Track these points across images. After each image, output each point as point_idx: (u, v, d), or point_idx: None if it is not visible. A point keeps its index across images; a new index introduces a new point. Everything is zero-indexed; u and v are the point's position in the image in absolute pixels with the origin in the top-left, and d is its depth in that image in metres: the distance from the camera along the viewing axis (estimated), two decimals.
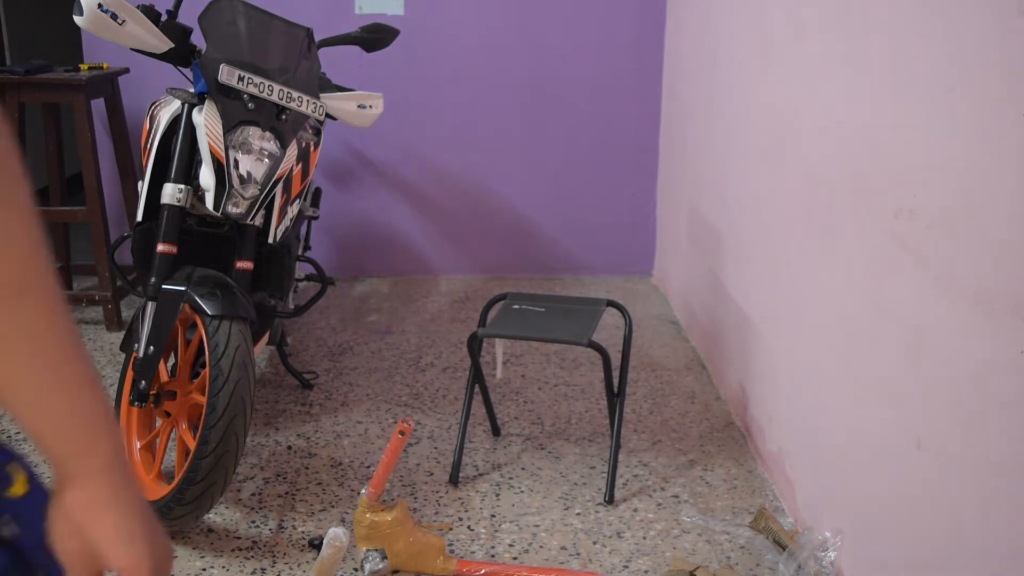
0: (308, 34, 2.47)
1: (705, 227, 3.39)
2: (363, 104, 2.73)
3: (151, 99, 2.81)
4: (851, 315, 2.03)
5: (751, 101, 2.81)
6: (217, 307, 2.17)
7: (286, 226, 2.62)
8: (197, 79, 2.36)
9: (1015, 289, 1.41)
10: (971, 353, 1.53)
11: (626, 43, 4.16)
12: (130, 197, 3.84)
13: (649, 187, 4.32)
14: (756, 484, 2.57)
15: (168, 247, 2.31)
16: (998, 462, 1.46)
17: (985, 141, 1.49)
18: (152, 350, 2.25)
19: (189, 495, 2.11)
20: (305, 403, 3.04)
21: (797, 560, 2.05)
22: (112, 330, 3.65)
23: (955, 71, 1.59)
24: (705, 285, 3.37)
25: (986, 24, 1.49)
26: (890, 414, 1.83)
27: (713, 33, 3.33)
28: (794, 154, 2.40)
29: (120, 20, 2.24)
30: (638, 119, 4.24)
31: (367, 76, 4.05)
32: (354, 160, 4.25)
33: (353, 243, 4.33)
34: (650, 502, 2.48)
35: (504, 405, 3.04)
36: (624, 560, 2.22)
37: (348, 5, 4.03)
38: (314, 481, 2.55)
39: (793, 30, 2.45)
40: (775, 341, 2.53)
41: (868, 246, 1.93)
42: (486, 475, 2.60)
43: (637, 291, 4.22)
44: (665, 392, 3.15)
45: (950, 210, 1.60)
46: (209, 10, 2.30)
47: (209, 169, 2.27)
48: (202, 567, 2.17)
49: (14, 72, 3.43)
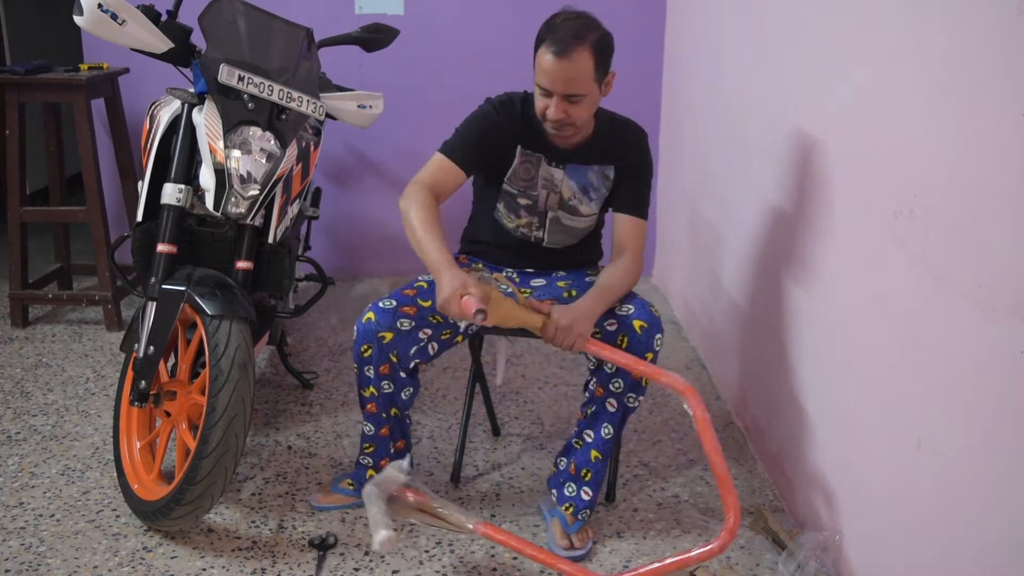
0: (308, 34, 2.46)
1: (705, 227, 3.39)
2: (363, 104, 2.73)
3: (151, 99, 2.81)
4: (851, 315, 2.03)
5: (751, 101, 2.81)
6: (217, 307, 2.17)
7: (286, 226, 2.62)
8: (197, 79, 2.36)
9: (1015, 289, 1.41)
10: (971, 353, 1.53)
11: (626, 43, 4.14)
12: (130, 197, 3.84)
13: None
14: (756, 484, 2.57)
15: (168, 247, 2.31)
16: (998, 462, 1.46)
17: (985, 141, 1.49)
18: (152, 350, 2.25)
19: (189, 495, 2.11)
20: (305, 403, 3.04)
21: (797, 560, 2.05)
22: (112, 330, 3.65)
23: (955, 71, 1.59)
24: (705, 285, 3.37)
25: (986, 24, 1.49)
26: (890, 414, 1.83)
27: (713, 33, 3.33)
28: (794, 154, 2.40)
29: (120, 20, 2.24)
30: (638, 119, 4.22)
31: (367, 76, 4.05)
32: (354, 160, 4.25)
33: (353, 243, 4.33)
34: (650, 502, 2.48)
35: (504, 405, 3.04)
36: (624, 560, 2.22)
37: (348, 5, 4.03)
38: (314, 481, 2.55)
39: (793, 30, 2.45)
40: (775, 341, 2.53)
41: (868, 246, 1.93)
42: (486, 475, 2.60)
43: (637, 291, 4.21)
44: (665, 392, 3.15)
45: (950, 210, 1.60)
46: (209, 10, 2.30)
47: (209, 169, 2.27)
48: (202, 567, 2.17)
49: (14, 72, 3.43)
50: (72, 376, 3.22)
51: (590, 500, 2.25)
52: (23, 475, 2.56)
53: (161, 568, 2.16)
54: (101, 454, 2.68)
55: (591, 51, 2.04)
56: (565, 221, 2.29)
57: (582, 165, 2.25)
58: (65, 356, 3.39)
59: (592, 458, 2.23)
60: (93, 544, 2.25)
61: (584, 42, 2.03)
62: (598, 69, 2.08)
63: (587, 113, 2.14)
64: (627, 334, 2.10)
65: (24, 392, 3.09)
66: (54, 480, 2.54)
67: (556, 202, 2.27)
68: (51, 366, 3.30)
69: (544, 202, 2.27)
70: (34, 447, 2.72)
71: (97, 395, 3.07)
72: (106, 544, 2.25)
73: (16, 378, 3.20)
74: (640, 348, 2.10)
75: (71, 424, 2.86)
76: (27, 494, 2.47)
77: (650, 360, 2.10)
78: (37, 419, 2.90)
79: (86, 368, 3.29)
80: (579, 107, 2.09)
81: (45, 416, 2.92)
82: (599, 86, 2.12)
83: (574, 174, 2.25)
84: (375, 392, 2.21)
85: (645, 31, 4.13)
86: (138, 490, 2.29)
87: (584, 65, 2.04)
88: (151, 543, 2.25)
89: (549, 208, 2.29)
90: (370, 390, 2.21)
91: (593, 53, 2.05)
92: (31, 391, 3.10)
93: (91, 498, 2.45)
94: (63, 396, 3.06)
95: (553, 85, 2.06)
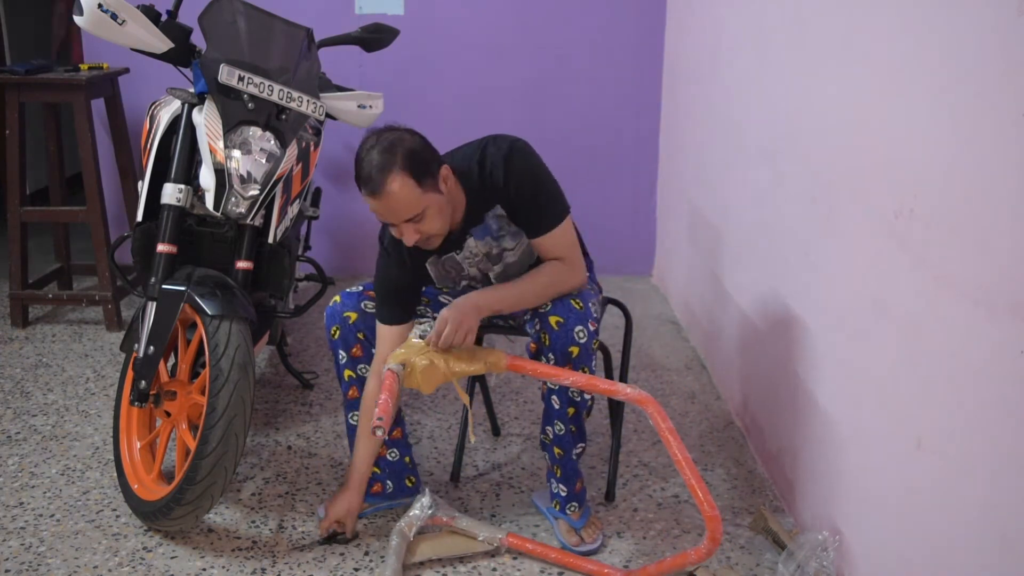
0: (308, 34, 2.46)
1: (705, 227, 3.39)
2: (363, 104, 2.73)
3: (151, 99, 2.81)
4: (851, 315, 2.03)
5: (751, 101, 2.81)
6: (217, 307, 2.17)
7: (286, 226, 2.62)
8: (197, 79, 2.36)
9: (1015, 289, 1.41)
10: (971, 353, 1.53)
11: (626, 43, 4.15)
12: (130, 197, 3.84)
13: (649, 187, 4.32)
14: (756, 484, 2.57)
15: (168, 247, 2.31)
16: (998, 462, 1.46)
17: (985, 141, 1.49)
18: (152, 350, 2.25)
19: (189, 495, 2.11)
20: (305, 403, 3.04)
21: (797, 560, 2.05)
22: (112, 330, 3.65)
23: (955, 71, 1.59)
24: (705, 285, 3.37)
25: (986, 24, 1.49)
26: (890, 414, 1.83)
27: (713, 33, 3.33)
28: (794, 154, 2.40)
29: (120, 20, 2.24)
30: (638, 119, 4.24)
31: (367, 76, 4.05)
32: (354, 160, 4.25)
33: (353, 243, 4.33)
34: (650, 502, 2.48)
35: (504, 405, 3.04)
36: (624, 560, 2.22)
37: (348, 5, 4.03)
38: (314, 481, 2.55)
39: (793, 30, 2.45)
40: (775, 341, 2.53)
41: (868, 246, 1.93)
42: (486, 475, 2.60)
43: (637, 291, 4.22)
44: (665, 392, 3.15)
45: (950, 210, 1.60)
46: (209, 10, 2.30)
47: (209, 169, 2.27)
48: (202, 567, 2.17)
49: (14, 72, 3.43)
50: (72, 376, 3.22)
51: (567, 495, 2.26)
52: (23, 475, 2.56)
53: (161, 568, 2.16)
54: (101, 454, 2.68)
55: (403, 173, 1.94)
56: (509, 260, 2.21)
57: (478, 226, 2.16)
58: (65, 356, 3.39)
59: (556, 455, 2.24)
60: (93, 544, 2.25)
61: (391, 170, 1.94)
62: (421, 183, 1.96)
63: (440, 220, 2.02)
64: (547, 331, 2.08)
65: (24, 392, 3.09)
66: (54, 480, 2.54)
67: (486, 263, 2.23)
68: (51, 366, 3.30)
69: (480, 271, 2.25)
70: (34, 447, 2.72)
71: (97, 395, 3.07)
72: (106, 544, 2.25)
73: (16, 378, 3.20)
74: (561, 343, 2.06)
75: (71, 424, 2.86)
76: (27, 494, 2.47)
77: (575, 354, 2.05)
78: (37, 419, 2.90)
79: (86, 368, 3.29)
80: (427, 221, 2.00)
81: (45, 416, 2.92)
82: (434, 192, 1.99)
83: (480, 234, 2.17)
84: (352, 375, 2.27)
85: (645, 31, 4.13)
86: (138, 490, 2.29)
87: (402, 191, 1.94)
88: (151, 543, 2.25)
89: (485, 272, 2.24)
90: (348, 373, 2.27)
91: (407, 173, 1.94)
92: (31, 391, 3.10)
93: (91, 498, 2.45)
94: (63, 396, 3.06)
95: (388, 219, 2.00)
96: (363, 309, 2.25)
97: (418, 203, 1.97)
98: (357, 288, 2.29)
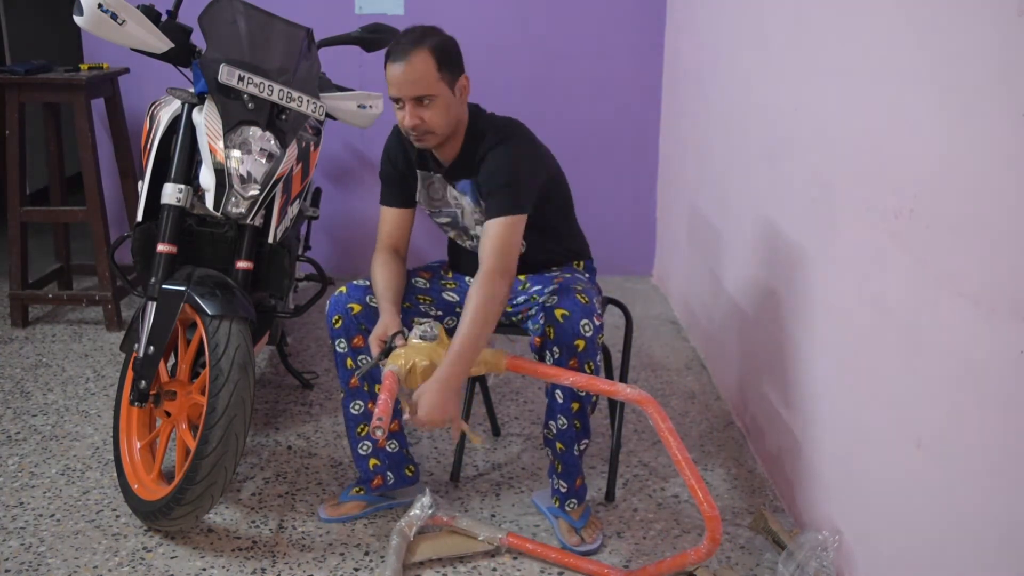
0: (308, 34, 2.46)
1: (705, 227, 3.39)
2: (363, 104, 2.73)
3: (151, 99, 2.81)
4: (851, 315, 2.03)
5: (751, 101, 2.81)
6: (217, 307, 2.17)
7: (286, 226, 2.62)
8: (197, 79, 2.36)
9: (1015, 289, 1.41)
10: (971, 353, 1.53)
11: (626, 43, 4.15)
12: (130, 197, 3.84)
13: (649, 187, 4.32)
14: (756, 484, 2.57)
15: (168, 247, 2.31)
16: (998, 461, 1.46)
17: (985, 141, 1.49)
18: (152, 350, 2.25)
19: (189, 495, 2.11)
20: (305, 403, 3.04)
21: (797, 560, 2.05)
22: (112, 330, 3.65)
23: (955, 71, 1.59)
24: (705, 285, 3.37)
25: (985, 24, 1.49)
26: (890, 414, 1.83)
27: (713, 33, 3.33)
28: (794, 154, 2.40)
29: (120, 20, 2.24)
30: (638, 119, 4.24)
31: (367, 76, 4.05)
32: (354, 160, 4.25)
33: (353, 243, 4.33)
34: (650, 502, 2.48)
35: (504, 405, 3.04)
36: (624, 560, 2.23)
37: (348, 5, 4.04)
38: (314, 481, 2.55)
39: (793, 30, 2.45)
40: (775, 341, 2.53)
41: (868, 246, 1.93)
42: (486, 475, 2.60)
43: (637, 291, 4.22)
44: (665, 392, 3.15)
45: (950, 210, 1.60)
46: (209, 10, 2.30)
47: (209, 169, 2.27)
48: (202, 567, 2.17)
49: (14, 72, 3.43)
50: (72, 376, 3.22)
51: (567, 491, 2.27)
52: (23, 475, 2.56)
53: (161, 568, 2.16)
54: (101, 454, 2.68)
55: (430, 52, 2.07)
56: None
57: (465, 180, 2.24)
58: (65, 356, 3.40)
59: (558, 450, 2.24)
60: (93, 544, 2.25)
61: (422, 45, 2.07)
62: (442, 70, 2.08)
63: (442, 118, 2.11)
64: (552, 325, 2.08)
65: (24, 392, 3.09)
66: (54, 480, 2.54)
67: (471, 217, 2.27)
68: (51, 366, 3.31)
69: (461, 218, 2.29)
70: (34, 447, 2.72)
71: (97, 395, 3.07)
72: (106, 544, 2.25)
73: (16, 378, 3.20)
74: (568, 337, 2.07)
75: (71, 424, 2.86)
76: (27, 494, 2.47)
77: (581, 348, 2.06)
78: (37, 419, 2.90)
79: (86, 368, 3.29)
80: (431, 110, 2.08)
81: (45, 416, 2.92)
82: (450, 89, 2.10)
83: (464, 189, 2.25)
84: (353, 365, 2.26)
85: (645, 31, 4.13)
86: (138, 490, 2.29)
87: (423, 66, 2.06)
88: (151, 543, 2.25)
89: (468, 223, 2.29)
90: (348, 362, 2.26)
91: (433, 54, 2.07)
92: (31, 391, 3.10)
93: (91, 498, 2.45)
94: (63, 396, 3.06)
95: (400, 91, 2.08)
96: (368, 303, 2.25)
97: (432, 85, 2.08)
98: (363, 282, 2.28)
